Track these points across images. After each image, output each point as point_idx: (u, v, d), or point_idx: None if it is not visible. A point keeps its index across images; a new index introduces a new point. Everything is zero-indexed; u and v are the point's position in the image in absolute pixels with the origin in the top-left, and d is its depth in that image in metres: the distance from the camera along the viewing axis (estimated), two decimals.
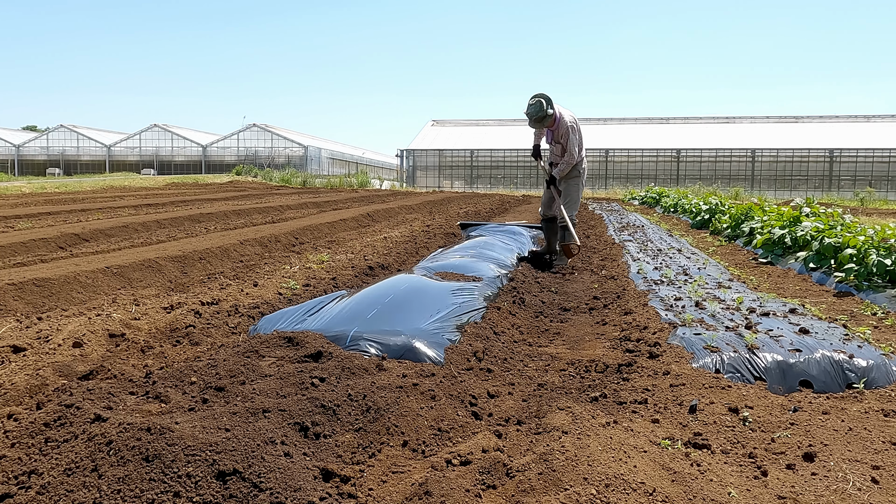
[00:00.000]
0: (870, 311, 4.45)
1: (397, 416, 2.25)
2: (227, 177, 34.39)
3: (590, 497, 1.76)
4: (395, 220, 12.05)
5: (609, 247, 7.96)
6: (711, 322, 3.60)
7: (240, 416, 2.06)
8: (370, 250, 6.73)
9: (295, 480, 1.78)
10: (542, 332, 4.07)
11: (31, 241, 6.89)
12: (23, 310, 4.14)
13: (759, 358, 2.91)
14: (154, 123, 46.92)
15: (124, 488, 1.69)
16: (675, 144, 32.34)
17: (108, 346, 3.20)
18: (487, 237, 7.52)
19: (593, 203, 19.93)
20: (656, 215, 14.87)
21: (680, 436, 2.28)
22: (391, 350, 2.94)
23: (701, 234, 10.55)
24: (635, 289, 4.86)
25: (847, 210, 9.47)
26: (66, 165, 47.17)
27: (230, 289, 4.62)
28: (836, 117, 33.96)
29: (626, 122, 36.66)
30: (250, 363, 2.66)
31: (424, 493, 1.83)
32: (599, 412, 2.38)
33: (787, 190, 30.52)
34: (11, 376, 2.68)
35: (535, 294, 5.06)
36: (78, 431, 1.95)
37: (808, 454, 2.16)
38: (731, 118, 35.49)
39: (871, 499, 1.91)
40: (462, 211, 13.87)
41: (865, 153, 30.03)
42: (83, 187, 21.23)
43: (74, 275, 4.87)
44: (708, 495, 1.87)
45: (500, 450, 2.08)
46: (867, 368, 2.86)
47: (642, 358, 3.12)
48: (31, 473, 1.80)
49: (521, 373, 3.16)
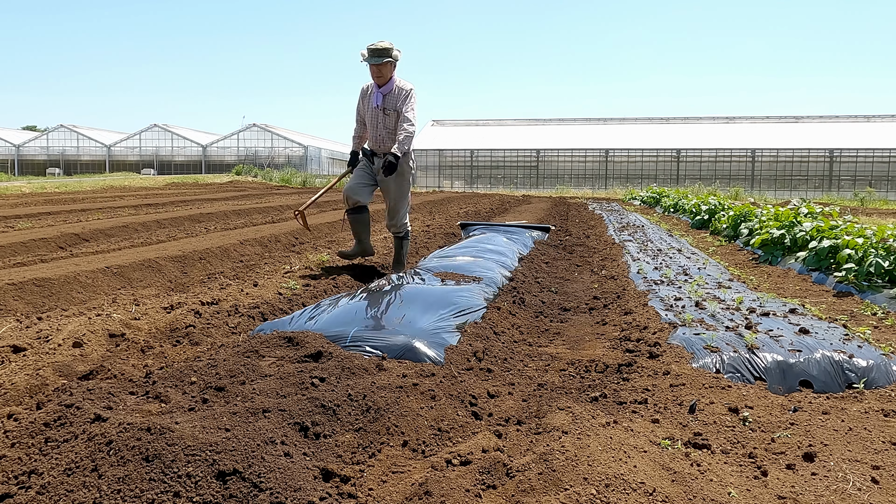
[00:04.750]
0: (870, 311, 4.45)
1: (397, 416, 2.25)
2: (227, 177, 34.37)
3: (590, 497, 1.76)
4: None
5: (609, 247, 7.96)
6: (711, 322, 3.60)
7: (240, 415, 2.06)
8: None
9: (295, 480, 1.78)
10: (542, 332, 4.07)
11: (31, 240, 6.88)
12: (23, 310, 4.14)
13: (759, 358, 2.91)
14: (154, 123, 46.89)
15: (124, 488, 1.69)
16: (675, 144, 32.32)
17: (108, 346, 3.20)
18: (487, 237, 7.51)
19: (593, 203, 19.93)
20: (656, 215, 14.87)
21: (680, 436, 2.28)
22: (391, 350, 2.94)
23: (701, 234, 10.55)
24: (635, 289, 4.86)
25: (847, 210, 9.48)
26: (66, 165, 47.15)
27: (230, 289, 4.62)
28: (836, 117, 33.95)
29: (626, 122, 36.65)
30: (250, 363, 2.66)
31: (424, 493, 1.83)
32: (599, 412, 2.38)
33: (787, 190, 30.51)
34: (11, 376, 2.68)
35: (535, 294, 5.06)
36: (78, 431, 1.95)
37: (808, 454, 2.16)
38: (731, 118, 35.48)
39: (871, 499, 1.91)
40: (462, 211, 13.87)
41: (865, 153, 30.01)
42: (83, 187, 21.23)
43: (74, 275, 4.87)
44: (708, 495, 1.87)
45: (500, 450, 2.08)
46: (867, 368, 2.86)
47: (642, 358, 3.12)
48: (31, 473, 1.80)
49: (521, 373, 3.16)
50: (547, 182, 33.02)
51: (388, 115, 5.22)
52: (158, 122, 46.82)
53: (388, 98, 5.19)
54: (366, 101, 5.32)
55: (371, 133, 5.34)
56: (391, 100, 5.20)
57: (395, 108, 5.19)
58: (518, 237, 7.96)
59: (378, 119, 5.26)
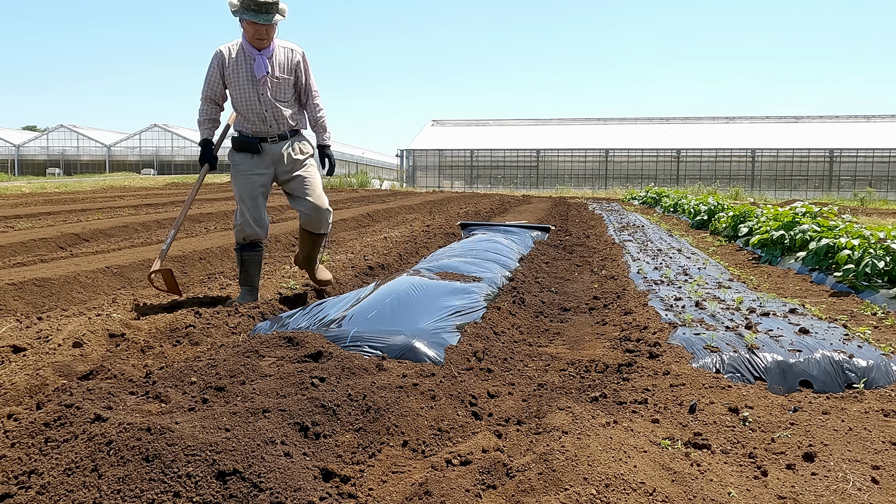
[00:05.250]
0: (870, 311, 4.45)
1: (397, 416, 2.25)
2: (227, 177, 34.38)
3: (590, 497, 1.76)
4: (395, 220, 12.04)
5: (609, 247, 7.96)
6: (711, 322, 3.60)
7: (240, 415, 2.06)
8: (370, 250, 6.73)
9: (295, 480, 1.78)
10: (542, 332, 4.07)
11: (31, 240, 6.88)
12: (23, 310, 4.14)
13: (759, 358, 2.91)
14: (154, 123, 46.92)
15: (124, 488, 1.69)
16: (675, 144, 32.33)
17: (108, 345, 3.20)
18: (487, 237, 7.51)
19: (593, 203, 19.93)
20: (656, 215, 14.87)
21: (680, 436, 2.28)
22: (391, 350, 2.94)
23: (700, 234, 10.55)
24: (635, 289, 4.86)
25: (847, 210, 9.48)
26: (66, 165, 47.15)
27: (230, 289, 4.62)
28: (836, 117, 33.96)
29: (626, 122, 36.65)
30: (250, 363, 2.66)
31: (424, 493, 1.83)
32: (599, 412, 2.38)
33: (787, 190, 30.51)
34: (11, 376, 2.69)
35: (535, 294, 5.06)
36: (78, 431, 1.95)
37: (808, 454, 2.16)
38: (731, 118, 35.49)
39: (871, 499, 1.91)
40: (462, 211, 13.86)
41: (865, 153, 30.02)
42: (83, 187, 21.23)
43: (74, 275, 4.87)
44: (708, 495, 1.87)
45: (500, 450, 2.08)
46: (867, 368, 2.86)
47: (642, 358, 3.12)
48: (31, 473, 1.80)
49: (521, 373, 3.16)
50: (547, 182, 33.02)
51: (280, 83, 4.09)
52: (158, 122, 46.86)
53: (275, 61, 4.07)
54: (237, 69, 4.03)
55: (253, 111, 4.06)
56: (279, 63, 4.09)
57: (287, 72, 4.11)
58: (518, 237, 7.96)
59: (265, 91, 4.04)
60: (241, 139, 4.14)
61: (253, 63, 4.01)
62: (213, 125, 4.22)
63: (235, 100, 4.11)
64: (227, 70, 4.05)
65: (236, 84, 4.05)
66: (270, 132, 4.12)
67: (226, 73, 4.07)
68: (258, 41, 3.96)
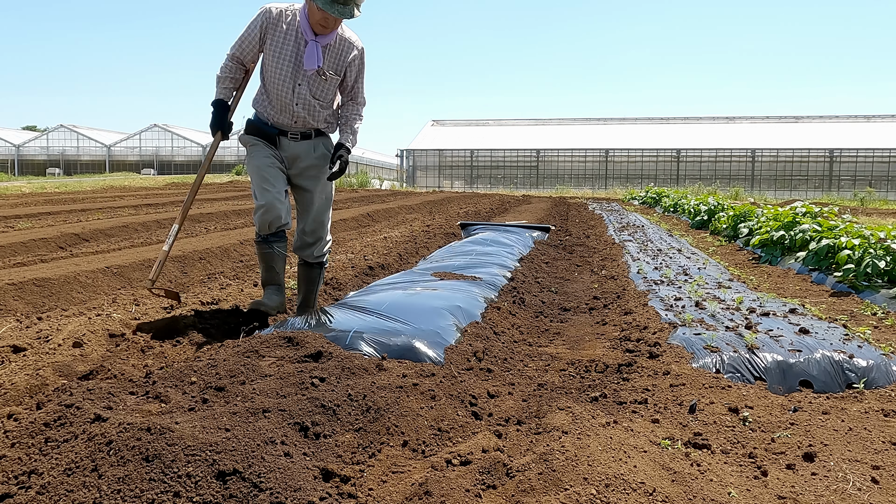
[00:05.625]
0: (870, 311, 4.45)
1: (397, 416, 2.25)
2: (227, 177, 34.38)
3: (590, 497, 1.76)
4: (395, 219, 12.04)
5: (609, 247, 7.96)
6: (711, 322, 3.60)
7: (240, 415, 2.06)
8: (370, 250, 6.73)
9: (295, 480, 1.78)
10: (542, 332, 4.07)
11: (31, 240, 6.88)
12: (23, 310, 4.14)
13: (759, 358, 2.91)
14: (154, 123, 46.94)
15: (124, 488, 1.69)
16: (675, 144, 32.33)
17: (108, 345, 3.20)
18: (487, 237, 7.52)
19: (593, 203, 19.93)
20: (656, 215, 14.87)
21: (680, 436, 2.28)
22: (391, 350, 2.94)
23: (700, 234, 10.56)
24: (635, 289, 4.86)
25: (847, 210, 9.48)
26: (66, 165, 47.16)
27: (230, 289, 4.62)
28: (836, 117, 33.97)
29: (626, 121, 36.66)
30: (250, 363, 2.66)
31: (424, 493, 1.83)
32: (599, 412, 2.38)
33: (787, 190, 30.51)
34: (11, 376, 2.69)
35: (535, 294, 5.06)
36: (78, 431, 1.95)
37: (808, 454, 2.16)
38: (731, 118, 35.49)
39: (871, 499, 1.91)
40: (462, 211, 13.86)
41: (865, 153, 30.02)
42: (83, 187, 21.23)
43: (74, 275, 4.87)
44: (708, 495, 1.87)
45: (500, 450, 2.08)
46: (867, 368, 2.86)
47: (642, 358, 3.12)
48: (31, 473, 1.80)
49: (521, 373, 3.16)
50: (547, 182, 33.02)
51: (326, 81, 3.51)
52: (158, 122, 46.88)
53: (330, 54, 3.48)
54: (283, 46, 3.42)
55: (282, 100, 3.50)
56: (333, 57, 3.50)
57: (337, 70, 3.53)
58: (518, 237, 7.96)
59: (304, 84, 3.47)
60: (257, 126, 3.59)
61: (304, 48, 3.40)
62: (233, 84, 3.59)
63: (267, 76, 3.51)
64: (271, 39, 3.42)
65: (275, 63, 3.44)
66: (294, 128, 3.57)
67: (267, 40, 3.44)
68: (321, 27, 3.36)
